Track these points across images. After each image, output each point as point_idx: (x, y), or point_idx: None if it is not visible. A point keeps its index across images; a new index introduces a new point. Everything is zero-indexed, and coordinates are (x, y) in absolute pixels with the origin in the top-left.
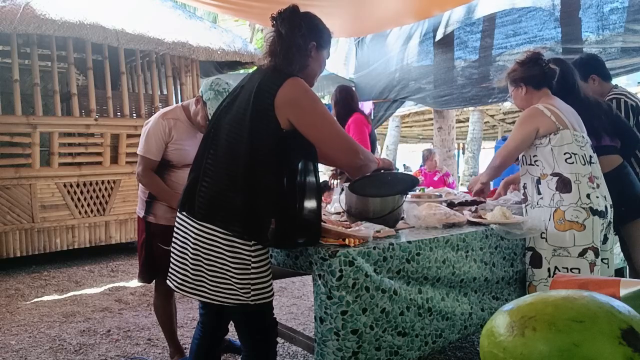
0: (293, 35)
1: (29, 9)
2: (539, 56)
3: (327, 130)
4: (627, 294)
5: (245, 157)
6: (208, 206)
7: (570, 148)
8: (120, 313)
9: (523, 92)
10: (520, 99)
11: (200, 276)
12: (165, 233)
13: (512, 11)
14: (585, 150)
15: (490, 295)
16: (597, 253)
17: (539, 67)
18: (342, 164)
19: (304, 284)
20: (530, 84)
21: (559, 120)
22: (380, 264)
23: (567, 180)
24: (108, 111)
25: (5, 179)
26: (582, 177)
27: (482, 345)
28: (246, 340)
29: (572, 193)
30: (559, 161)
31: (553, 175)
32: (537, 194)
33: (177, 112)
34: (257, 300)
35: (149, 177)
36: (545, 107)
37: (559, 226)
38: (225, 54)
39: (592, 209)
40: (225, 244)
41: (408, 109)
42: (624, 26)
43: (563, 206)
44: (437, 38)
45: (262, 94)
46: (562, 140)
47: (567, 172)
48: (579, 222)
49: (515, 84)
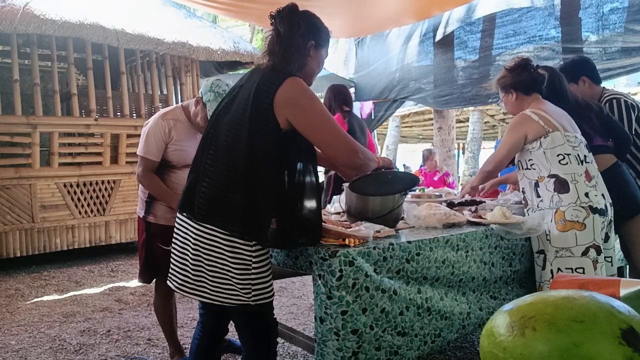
0: (292, 34)
1: (29, 9)
2: (527, 62)
3: (326, 130)
4: (627, 294)
5: (245, 157)
6: (208, 207)
7: (562, 149)
8: (120, 313)
9: (513, 98)
10: (511, 104)
11: (200, 277)
12: (165, 233)
13: (512, 11)
14: (579, 150)
15: (488, 295)
16: (600, 251)
17: (528, 72)
18: (341, 163)
19: (304, 284)
20: (520, 89)
21: (547, 124)
22: (380, 264)
23: (564, 181)
24: (108, 111)
25: (5, 179)
26: (579, 176)
27: (482, 345)
28: (246, 340)
29: (570, 193)
30: (553, 163)
31: (550, 177)
32: (537, 196)
33: (176, 112)
34: (258, 301)
35: (149, 177)
36: (532, 112)
37: (560, 227)
38: (225, 54)
39: (591, 207)
40: (226, 245)
41: (408, 109)
42: (624, 26)
43: (562, 206)
44: (437, 38)
45: (261, 93)
46: (554, 142)
47: (563, 172)
48: (579, 221)
49: (505, 90)
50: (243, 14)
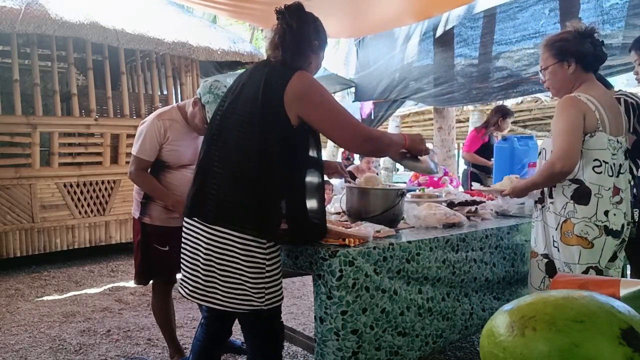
0: (304, 29)
1: (29, 9)
2: (594, 31)
3: (336, 121)
4: (627, 294)
5: (257, 155)
6: (220, 208)
7: (601, 155)
8: (120, 313)
9: (571, 69)
10: (562, 77)
11: (212, 283)
12: (161, 234)
13: (512, 7)
14: (616, 159)
15: (491, 296)
16: (600, 274)
17: (594, 45)
18: (353, 151)
19: (304, 284)
20: (581, 61)
21: (601, 120)
22: (380, 264)
23: (587, 191)
24: (108, 111)
25: (5, 179)
26: (605, 190)
27: (482, 345)
28: (253, 342)
29: (588, 206)
30: (585, 167)
31: (572, 182)
32: (549, 197)
33: (172, 113)
34: (271, 305)
35: (141, 176)
36: (588, 99)
37: (565, 239)
38: (225, 54)
39: (606, 228)
40: (240, 246)
41: (408, 109)
42: (625, 21)
43: (575, 218)
44: (437, 34)
45: (271, 89)
46: (596, 144)
47: (590, 181)
48: (587, 239)
49: (562, 57)
50: (243, 14)
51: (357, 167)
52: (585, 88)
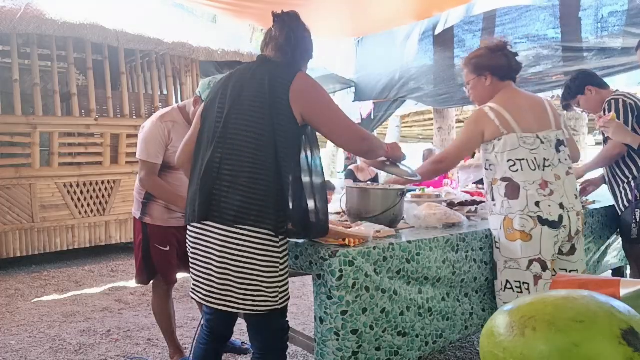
0: (303, 35)
1: (29, 9)
2: (506, 45)
3: (335, 121)
4: (627, 294)
5: (273, 153)
6: (238, 208)
7: (514, 154)
8: (120, 313)
9: (487, 82)
10: (481, 90)
11: (227, 286)
12: (161, 234)
13: (512, 10)
14: (537, 154)
15: (491, 296)
16: (545, 266)
17: (507, 57)
18: (349, 150)
19: (304, 284)
20: (497, 74)
21: (503, 124)
22: (380, 264)
23: (515, 186)
24: (108, 111)
25: (5, 179)
26: (530, 184)
27: (482, 345)
28: (259, 342)
29: (519, 200)
30: (503, 168)
31: (503, 181)
32: (492, 199)
33: (173, 114)
34: (283, 303)
35: (152, 181)
36: (491, 109)
37: (509, 235)
38: (225, 54)
39: (540, 218)
40: (256, 244)
41: (408, 109)
42: (623, 29)
43: (511, 214)
44: (436, 33)
45: (277, 89)
46: (505, 146)
47: (514, 178)
48: (525, 231)
49: (479, 72)
50: (243, 14)
51: (357, 166)
52: (499, 97)
